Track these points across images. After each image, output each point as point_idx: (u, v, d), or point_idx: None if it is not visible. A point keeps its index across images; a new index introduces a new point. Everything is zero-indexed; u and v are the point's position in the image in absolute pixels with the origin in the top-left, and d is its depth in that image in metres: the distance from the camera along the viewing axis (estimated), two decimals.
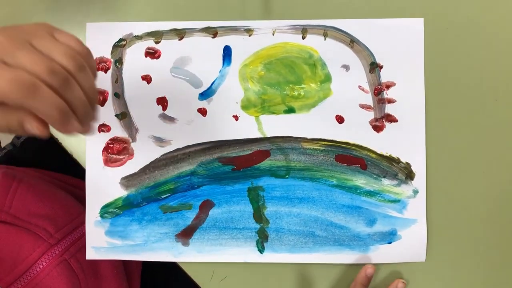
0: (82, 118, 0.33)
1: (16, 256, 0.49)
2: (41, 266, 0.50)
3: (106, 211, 0.52)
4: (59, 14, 0.52)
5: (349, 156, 0.51)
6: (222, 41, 0.51)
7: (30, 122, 0.31)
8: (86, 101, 0.33)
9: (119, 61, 0.51)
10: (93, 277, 0.53)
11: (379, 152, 0.50)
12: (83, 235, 0.53)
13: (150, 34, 0.51)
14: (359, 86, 0.51)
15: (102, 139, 0.51)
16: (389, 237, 0.51)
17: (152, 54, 0.51)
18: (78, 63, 0.32)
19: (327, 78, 0.51)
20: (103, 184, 0.51)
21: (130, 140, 0.52)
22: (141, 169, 0.51)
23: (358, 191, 0.51)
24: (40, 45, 0.31)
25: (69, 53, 0.32)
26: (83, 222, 0.52)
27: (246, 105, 0.51)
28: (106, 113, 0.51)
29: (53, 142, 0.53)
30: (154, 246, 0.51)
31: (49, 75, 0.30)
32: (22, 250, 0.49)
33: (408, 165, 0.50)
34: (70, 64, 0.32)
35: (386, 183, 0.51)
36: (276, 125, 0.51)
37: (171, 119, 0.51)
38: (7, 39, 0.30)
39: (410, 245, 0.51)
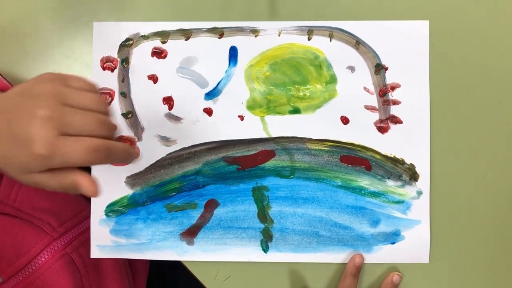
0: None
1: (18, 248, 0.49)
2: (43, 259, 0.50)
3: (111, 209, 0.52)
4: (66, 13, 0.53)
5: (354, 157, 0.51)
6: (228, 41, 0.51)
7: (82, 184, 0.35)
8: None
9: (125, 61, 0.52)
10: (95, 272, 0.53)
11: (383, 153, 0.51)
12: (86, 230, 0.53)
13: (156, 34, 0.51)
14: (364, 88, 0.51)
15: None
16: (393, 237, 0.51)
17: (159, 54, 0.52)
18: (102, 101, 0.37)
19: (333, 79, 0.51)
20: (109, 182, 0.52)
21: (136, 139, 0.52)
22: (146, 168, 0.52)
23: (363, 192, 0.51)
24: (75, 103, 0.35)
25: (94, 98, 0.36)
26: (86, 217, 0.53)
27: (252, 105, 0.51)
28: (112, 112, 0.51)
29: None
30: (158, 245, 0.52)
31: (102, 126, 0.35)
32: (25, 243, 0.49)
33: (412, 167, 0.51)
34: (102, 107, 0.37)
35: (391, 184, 0.51)
36: (281, 126, 0.51)
37: (177, 119, 0.52)
38: (53, 111, 0.34)
39: (414, 246, 0.51)
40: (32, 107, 0.34)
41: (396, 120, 0.51)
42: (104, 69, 0.52)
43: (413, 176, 0.51)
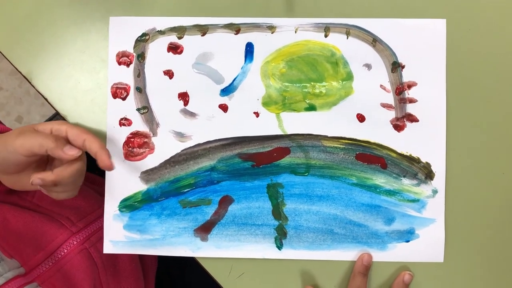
0: None
1: (39, 241, 0.50)
2: (62, 253, 0.50)
3: (125, 204, 0.52)
4: (82, 7, 0.53)
5: (370, 155, 0.51)
6: (244, 37, 0.51)
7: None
8: None
9: (141, 56, 0.51)
10: (112, 268, 0.53)
11: (399, 151, 0.51)
12: (103, 226, 0.53)
13: (173, 30, 0.51)
14: (381, 85, 0.51)
15: (123, 133, 0.52)
16: (407, 235, 0.51)
17: (175, 49, 0.51)
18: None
19: (349, 77, 0.51)
20: (123, 177, 0.51)
21: (151, 135, 0.52)
22: (161, 163, 0.51)
23: (378, 190, 0.51)
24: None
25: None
26: (103, 214, 0.53)
27: (267, 102, 0.51)
28: (128, 107, 0.51)
29: None
30: (172, 240, 0.51)
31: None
32: (45, 236, 0.50)
33: (428, 165, 0.51)
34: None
35: (406, 183, 0.51)
36: (297, 123, 0.51)
37: (192, 114, 0.51)
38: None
39: (428, 244, 0.51)
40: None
41: (412, 118, 0.51)
42: (119, 64, 0.52)
43: (429, 175, 0.51)
